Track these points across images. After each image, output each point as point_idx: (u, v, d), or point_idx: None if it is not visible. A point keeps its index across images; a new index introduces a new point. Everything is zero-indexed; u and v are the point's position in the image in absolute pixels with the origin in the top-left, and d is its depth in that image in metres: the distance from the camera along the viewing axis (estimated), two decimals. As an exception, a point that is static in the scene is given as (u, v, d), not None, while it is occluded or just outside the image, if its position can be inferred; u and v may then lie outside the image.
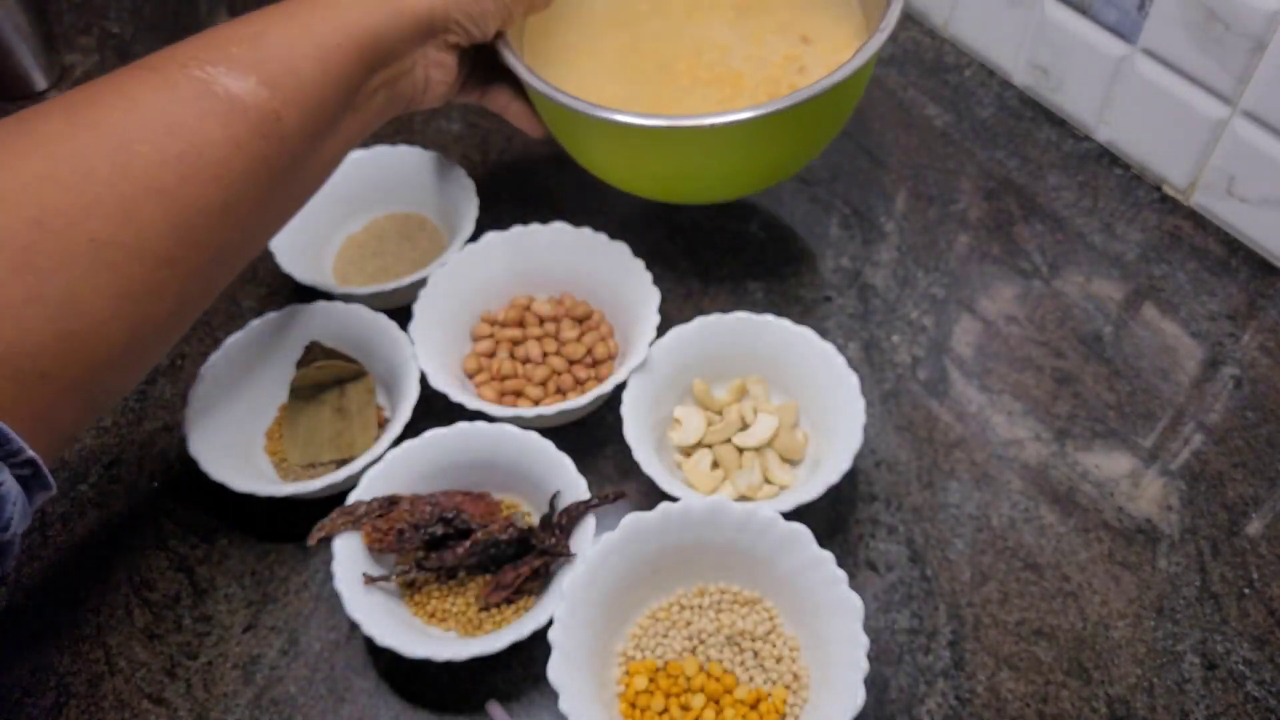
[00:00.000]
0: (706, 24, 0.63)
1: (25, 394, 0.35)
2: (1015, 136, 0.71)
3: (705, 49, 0.61)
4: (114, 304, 0.38)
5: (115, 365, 0.39)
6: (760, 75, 0.60)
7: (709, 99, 0.59)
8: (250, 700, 0.48)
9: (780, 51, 0.61)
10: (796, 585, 0.46)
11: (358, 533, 0.49)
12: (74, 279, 0.36)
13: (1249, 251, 0.63)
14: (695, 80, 0.60)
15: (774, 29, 0.62)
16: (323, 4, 0.46)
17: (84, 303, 0.37)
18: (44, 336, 0.36)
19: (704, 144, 0.53)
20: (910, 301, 0.62)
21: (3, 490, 0.34)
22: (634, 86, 0.60)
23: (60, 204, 0.36)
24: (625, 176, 0.58)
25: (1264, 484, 0.54)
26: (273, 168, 0.43)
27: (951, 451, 0.56)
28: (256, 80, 0.42)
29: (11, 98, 0.77)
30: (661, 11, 0.63)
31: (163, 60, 0.42)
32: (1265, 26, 0.56)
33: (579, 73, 0.60)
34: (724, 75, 0.60)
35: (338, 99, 0.46)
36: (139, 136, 0.39)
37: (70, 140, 0.38)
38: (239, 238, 0.44)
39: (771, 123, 0.51)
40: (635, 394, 0.53)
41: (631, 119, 0.51)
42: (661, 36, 0.62)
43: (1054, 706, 0.47)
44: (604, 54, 0.61)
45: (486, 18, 0.52)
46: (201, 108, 0.41)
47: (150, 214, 0.39)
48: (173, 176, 0.39)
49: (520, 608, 0.49)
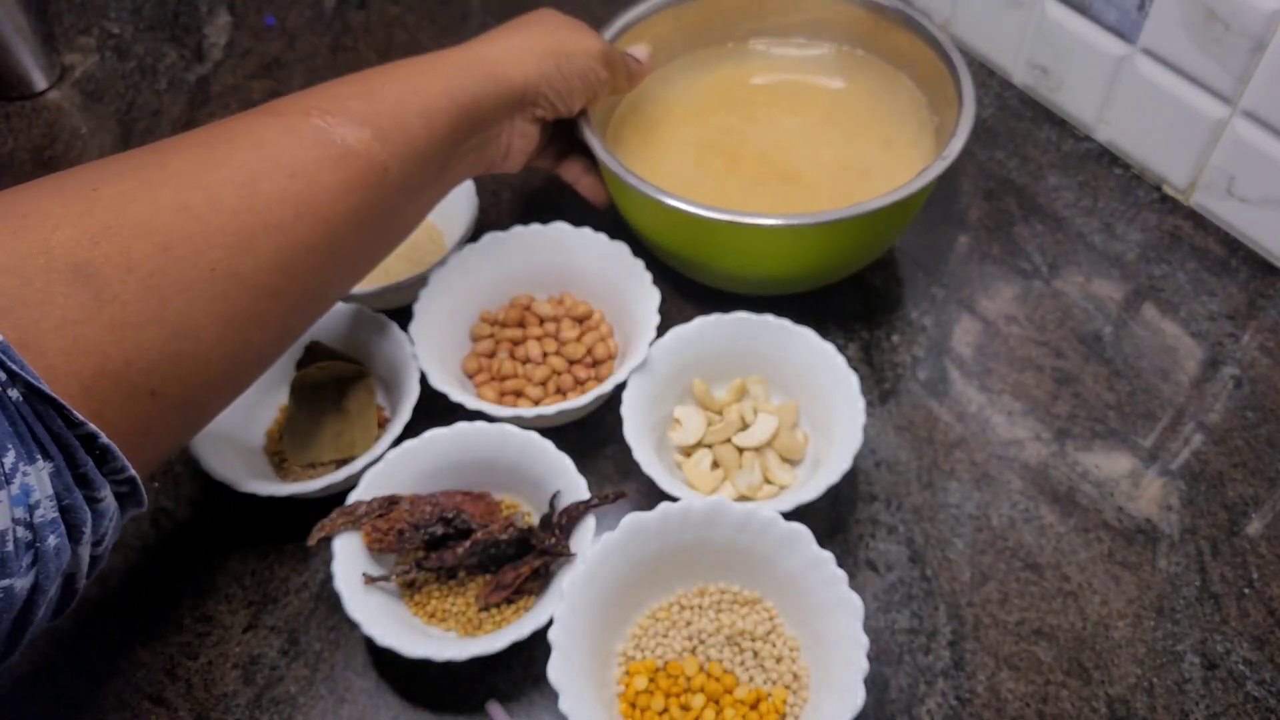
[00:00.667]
0: (783, 123, 0.65)
1: (134, 410, 0.37)
2: (1015, 136, 0.71)
3: (775, 147, 0.63)
4: (222, 329, 0.40)
5: (215, 387, 0.41)
6: (823, 178, 0.61)
7: (768, 195, 0.61)
8: (250, 700, 0.48)
9: (847, 156, 0.63)
10: (796, 585, 0.46)
11: (358, 533, 0.49)
12: (191, 303, 0.38)
13: (1249, 251, 0.63)
14: (757, 176, 0.62)
15: (849, 134, 0.64)
16: (430, 68, 0.50)
17: (197, 326, 0.39)
18: (159, 356, 0.37)
19: (745, 239, 0.55)
20: (910, 301, 0.62)
21: (103, 506, 0.36)
22: (700, 175, 0.62)
23: (189, 232, 0.38)
24: (678, 256, 0.60)
25: (1264, 484, 0.54)
26: (375, 214, 0.46)
27: (951, 451, 0.56)
28: (370, 133, 0.45)
29: (11, 98, 0.77)
30: (740, 108, 0.66)
31: (287, 106, 0.45)
32: (1265, 26, 0.56)
33: (652, 156, 0.63)
34: (788, 173, 0.62)
35: (438, 156, 0.49)
36: (263, 174, 0.41)
37: (202, 174, 0.40)
38: (336, 277, 0.46)
39: (816, 232, 0.54)
40: (635, 394, 0.53)
41: (681, 205, 0.54)
42: (735, 130, 0.65)
43: (1054, 706, 0.47)
44: (678, 141, 0.64)
45: (573, 95, 0.55)
46: (320, 154, 0.43)
47: (265, 247, 0.41)
48: (290, 213, 0.42)
49: (520, 608, 0.49)
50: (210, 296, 0.39)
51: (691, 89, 0.67)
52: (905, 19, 0.63)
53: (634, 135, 0.65)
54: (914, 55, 0.64)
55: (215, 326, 0.39)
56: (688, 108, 0.66)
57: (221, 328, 0.40)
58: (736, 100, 0.66)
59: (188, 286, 0.38)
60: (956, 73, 0.60)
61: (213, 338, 0.39)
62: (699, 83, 0.67)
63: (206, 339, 0.39)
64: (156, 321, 0.37)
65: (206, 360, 0.39)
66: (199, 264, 0.39)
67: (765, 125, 0.65)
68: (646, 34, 0.65)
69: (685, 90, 0.67)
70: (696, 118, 0.65)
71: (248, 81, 0.78)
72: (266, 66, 0.79)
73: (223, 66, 0.79)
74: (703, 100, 0.66)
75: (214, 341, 0.39)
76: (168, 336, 0.37)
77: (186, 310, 0.38)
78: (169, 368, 0.38)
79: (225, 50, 0.80)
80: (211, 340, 0.39)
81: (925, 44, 0.62)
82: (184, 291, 0.38)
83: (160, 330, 0.37)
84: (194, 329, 0.38)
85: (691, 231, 0.56)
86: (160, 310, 0.37)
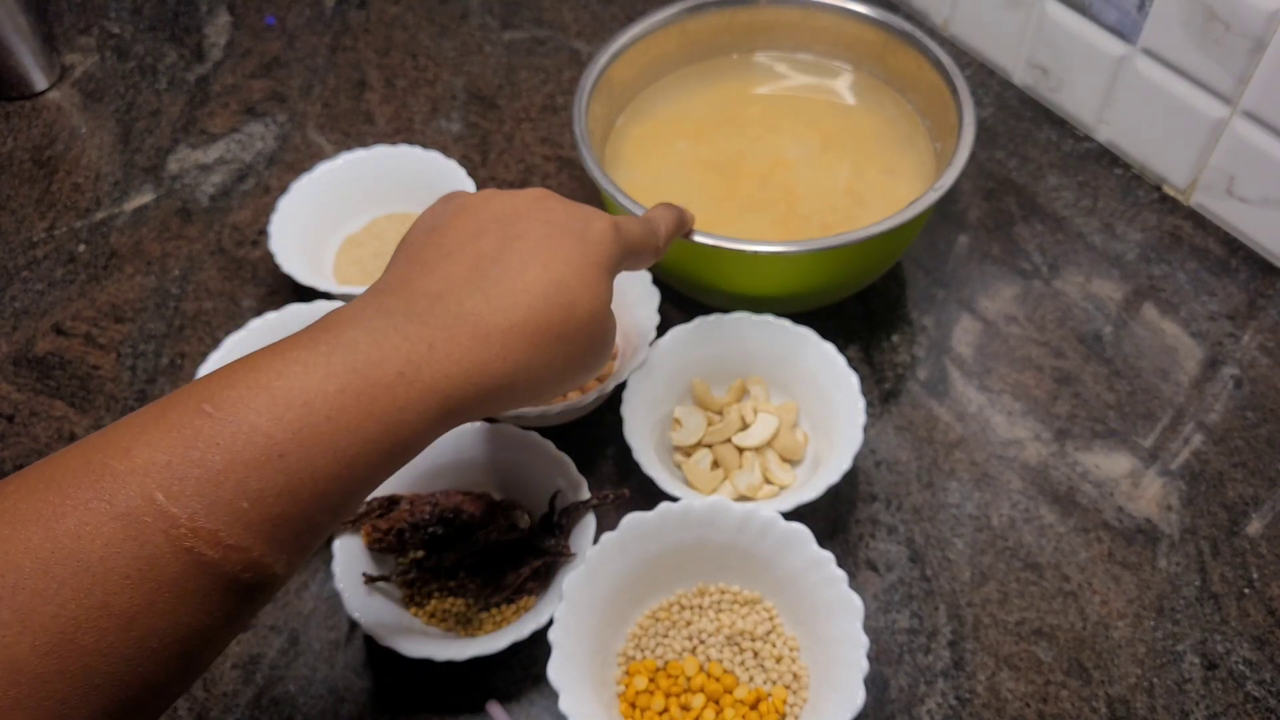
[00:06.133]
0: (784, 144, 0.64)
1: None
2: (1015, 136, 0.71)
3: (775, 168, 0.63)
4: None
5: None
6: (820, 203, 0.61)
7: (764, 218, 0.60)
8: (250, 700, 0.48)
9: (847, 182, 0.62)
10: (797, 585, 0.46)
11: (358, 533, 0.49)
12: None
13: (1249, 251, 0.63)
14: (753, 198, 0.61)
15: (851, 158, 0.63)
16: (379, 401, 0.34)
17: None
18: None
19: (733, 264, 0.55)
20: (910, 301, 0.62)
21: None
22: (698, 194, 0.62)
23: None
24: (673, 276, 0.59)
25: (1264, 484, 0.54)
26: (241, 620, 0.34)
27: (951, 451, 0.56)
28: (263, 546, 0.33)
29: (11, 98, 0.77)
30: (742, 125, 0.65)
31: (135, 492, 0.32)
32: (1265, 26, 0.56)
33: (651, 170, 0.63)
34: (782, 197, 0.61)
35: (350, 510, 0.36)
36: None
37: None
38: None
39: (810, 258, 0.53)
40: (635, 394, 0.53)
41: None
42: (736, 149, 0.64)
43: (1054, 706, 0.47)
44: (678, 156, 0.64)
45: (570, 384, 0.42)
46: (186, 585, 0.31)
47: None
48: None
49: (520, 608, 0.49)
50: None
51: (695, 102, 0.66)
52: (913, 40, 0.62)
53: (635, 149, 0.64)
54: (919, 79, 0.62)
55: None
56: (690, 122, 0.65)
57: None
58: (739, 117, 0.66)
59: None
60: (959, 100, 0.58)
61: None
62: (702, 96, 0.66)
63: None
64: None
65: None
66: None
67: (767, 145, 0.64)
68: (652, 48, 0.64)
69: (688, 103, 0.66)
70: (698, 133, 0.65)
71: (248, 81, 0.78)
72: (266, 66, 0.79)
73: (223, 66, 0.79)
74: (705, 114, 0.66)
75: None
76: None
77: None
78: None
79: (225, 50, 0.80)
80: None
81: (931, 67, 0.61)
82: None
83: None
84: None
85: (683, 253, 0.55)
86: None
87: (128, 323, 0.63)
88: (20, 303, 0.64)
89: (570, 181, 0.69)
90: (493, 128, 0.73)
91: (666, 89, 0.67)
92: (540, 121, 0.74)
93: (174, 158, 0.73)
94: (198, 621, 0.31)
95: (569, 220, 0.40)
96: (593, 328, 0.39)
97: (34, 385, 0.60)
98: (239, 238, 0.67)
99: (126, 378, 0.60)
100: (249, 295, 0.64)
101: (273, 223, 0.61)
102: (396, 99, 0.76)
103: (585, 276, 0.38)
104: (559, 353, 0.38)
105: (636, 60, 0.64)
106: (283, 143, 0.73)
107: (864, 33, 0.64)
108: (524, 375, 0.37)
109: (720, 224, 0.54)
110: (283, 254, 0.60)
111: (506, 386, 0.36)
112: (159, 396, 0.59)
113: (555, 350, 0.37)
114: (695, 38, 0.66)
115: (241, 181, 0.71)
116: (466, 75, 0.77)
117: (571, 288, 0.38)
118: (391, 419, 0.33)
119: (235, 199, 0.70)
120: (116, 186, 0.71)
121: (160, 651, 0.30)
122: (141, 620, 0.29)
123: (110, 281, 0.65)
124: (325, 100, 0.76)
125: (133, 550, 0.29)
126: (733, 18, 0.66)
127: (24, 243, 0.68)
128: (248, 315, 0.62)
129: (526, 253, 0.38)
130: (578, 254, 0.39)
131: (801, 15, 0.66)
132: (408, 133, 0.73)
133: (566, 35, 0.80)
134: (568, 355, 0.38)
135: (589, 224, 0.40)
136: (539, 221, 0.39)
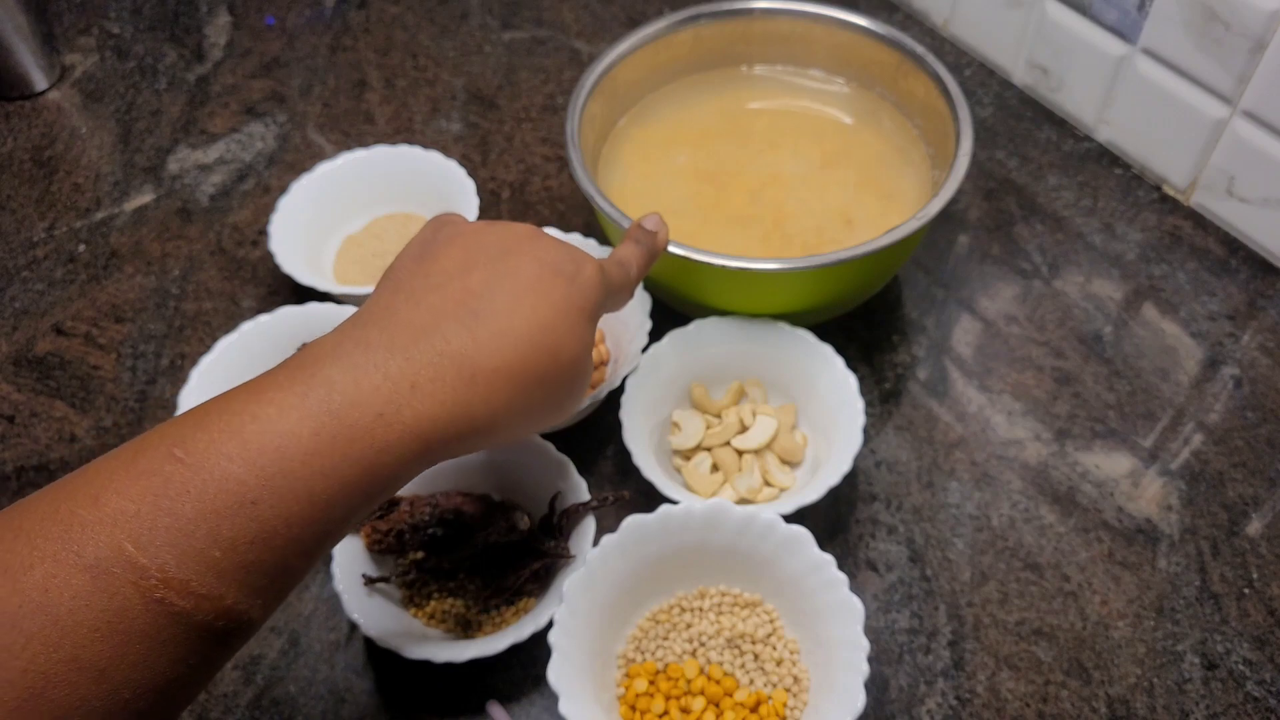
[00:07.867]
0: (784, 160, 0.63)
1: None
2: (1015, 136, 0.71)
3: (767, 184, 0.62)
4: None
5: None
6: (807, 223, 0.60)
7: (748, 233, 0.59)
8: (250, 700, 0.48)
9: (836, 203, 0.60)
10: (797, 588, 0.46)
11: (357, 534, 0.49)
12: None
13: (1249, 251, 0.63)
14: (741, 212, 0.60)
15: (847, 181, 0.62)
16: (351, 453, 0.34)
17: None
18: None
19: (713, 279, 0.54)
20: (910, 301, 0.62)
21: None
22: (689, 203, 0.61)
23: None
24: (660, 287, 0.58)
25: (1264, 484, 0.54)
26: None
27: (951, 451, 0.56)
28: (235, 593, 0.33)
29: (11, 98, 0.77)
30: (740, 136, 0.64)
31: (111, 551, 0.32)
32: (1265, 26, 0.55)
33: (646, 176, 0.62)
34: (770, 214, 0.60)
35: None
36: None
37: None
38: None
39: (798, 277, 0.52)
40: (634, 398, 0.53)
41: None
42: (732, 160, 0.63)
43: (1054, 706, 0.47)
44: (673, 164, 0.63)
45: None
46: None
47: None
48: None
49: (520, 609, 0.49)
50: None
51: (700, 110, 0.65)
52: (924, 65, 0.60)
53: (633, 152, 0.63)
54: (927, 105, 0.61)
55: None
56: (692, 129, 0.65)
57: None
58: (742, 128, 0.65)
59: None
60: (959, 127, 0.57)
61: None
62: (708, 105, 0.66)
63: None
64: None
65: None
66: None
67: (765, 160, 0.63)
68: (661, 52, 0.64)
69: (693, 111, 0.65)
70: (699, 141, 0.64)
71: (248, 81, 0.78)
72: (266, 66, 0.79)
73: (223, 66, 0.79)
74: (709, 123, 0.65)
75: None
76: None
77: None
78: None
79: (225, 50, 0.80)
80: None
81: (939, 95, 0.59)
82: None
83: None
84: None
85: (667, 265, 0.54)
86: None
87: (128, 323, 0.63)
88: (20, 303, 0.64)
89: (570, 182, 0.69)
90: (493, 128, 0.73)
91: (673, 94, 0.66)
92: (540, 121, 0.74)
93: (174, 158, 0.73)
94: (172, 671, 0.30)
95: (560, 262, 0.39)
96: (574, 373, 0.39)
97: (34, 385, 0.60)
98: (239, 238, 0.67)
99: (126, 378, 0.60)
100: (249, 295, 0.64)
101: (273, 223, 0.61)
102: (396, 99, 0.76)
103: (570, 321, 0.38)
104: (539, 397, 0.37)
105: (645, 63, 0.63)
106: (283, 143, 0.73)
107: (878, 53, 0.63)
108: (503, 417, 0.36)
109: (703, 236, 0.53)
110: (283, 254, 0.60)
111: (485, 429, 0.36)
112: (159, 397, 0.59)
113: (535, 394, 0.37)
114: (708, 45, 0.65)
115: (241, 181, 0.71)
116: (466, 75, 0.77)
117: (558, 332, 0.37)
118: (369, 461, 0.33)
119: (235, 199, 0.70)
120: (116, 186, 0.71)
121: (134, 702, 0.30)
122: (113, 672, 0.29)
123: (110, 281, 0.65)
124: (325, 100, 0.76)
125: (102, 602, 0.29)
126: (748, 28, 0.65)
127: (24, 243, 0.68)
128: (247, 315, 0.61)
129: (517, 292, 0.37)
130: (565, 298, 0.38)
131: (822, 32, 0.64)
132: (408, 133, 0.73)
133: (566, 35, 0.80)
134: (545, 399, 0.38)
135: (580, 267, 0.40)
136: (530, 259, 0.38)
